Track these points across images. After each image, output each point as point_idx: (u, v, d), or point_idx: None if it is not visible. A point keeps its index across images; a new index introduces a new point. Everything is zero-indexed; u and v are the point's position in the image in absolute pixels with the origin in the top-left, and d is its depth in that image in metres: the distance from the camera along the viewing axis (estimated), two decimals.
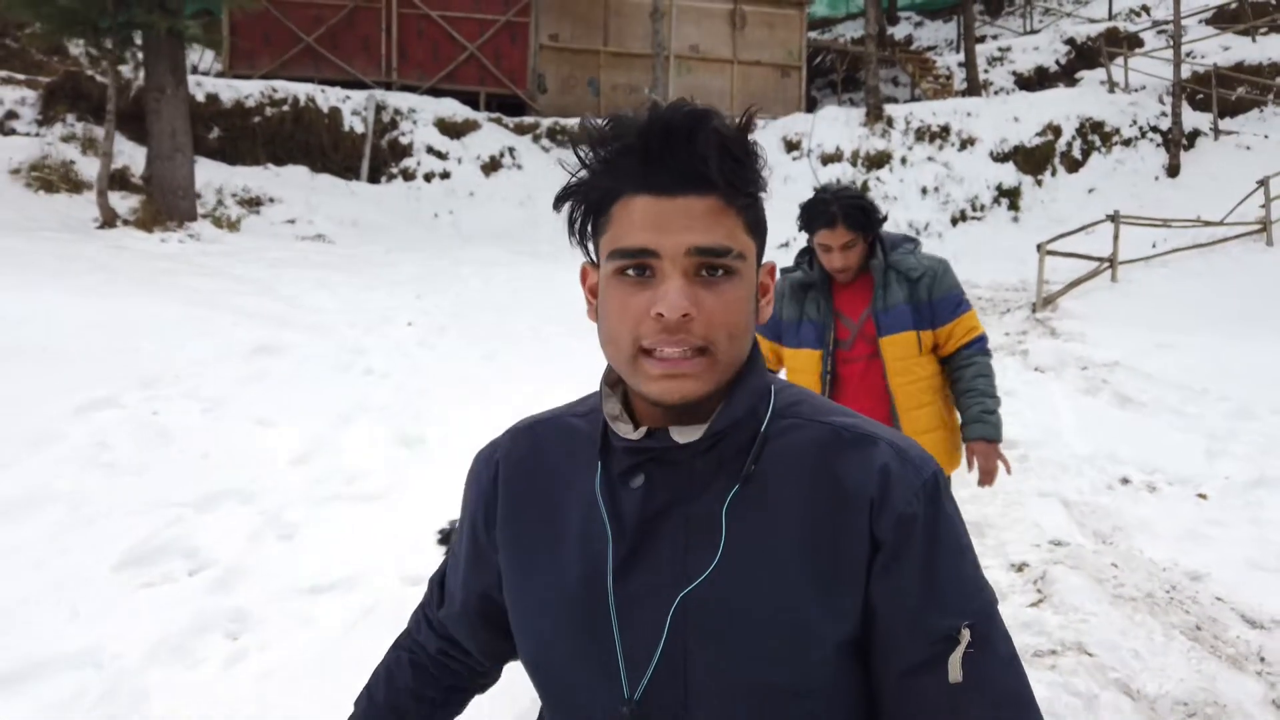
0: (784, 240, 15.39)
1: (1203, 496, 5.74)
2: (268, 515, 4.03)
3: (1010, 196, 16.84)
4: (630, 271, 0.89)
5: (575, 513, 0.99)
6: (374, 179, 16.42)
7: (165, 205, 10.91)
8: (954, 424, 2.99)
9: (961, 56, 22.11)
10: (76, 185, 11.82)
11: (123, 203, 11.44)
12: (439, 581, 1.20)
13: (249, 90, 16.26)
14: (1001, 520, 5.20)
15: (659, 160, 0.87)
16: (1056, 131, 17.34)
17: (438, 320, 8.12)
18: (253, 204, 13.28)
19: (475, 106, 18.13)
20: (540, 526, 1.02)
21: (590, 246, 0.94)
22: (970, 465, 2.92)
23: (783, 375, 3.17)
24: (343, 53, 18.16)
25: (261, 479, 4.40)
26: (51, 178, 11.60)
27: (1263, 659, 3.79)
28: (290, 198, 14.26)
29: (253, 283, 8.74)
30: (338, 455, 4.83)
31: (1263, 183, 13.50)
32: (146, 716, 2.75)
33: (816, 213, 2.74)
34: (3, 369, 4.97)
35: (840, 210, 2.70)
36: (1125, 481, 5.99)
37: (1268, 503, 5.44)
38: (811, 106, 21.14)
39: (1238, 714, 3.46)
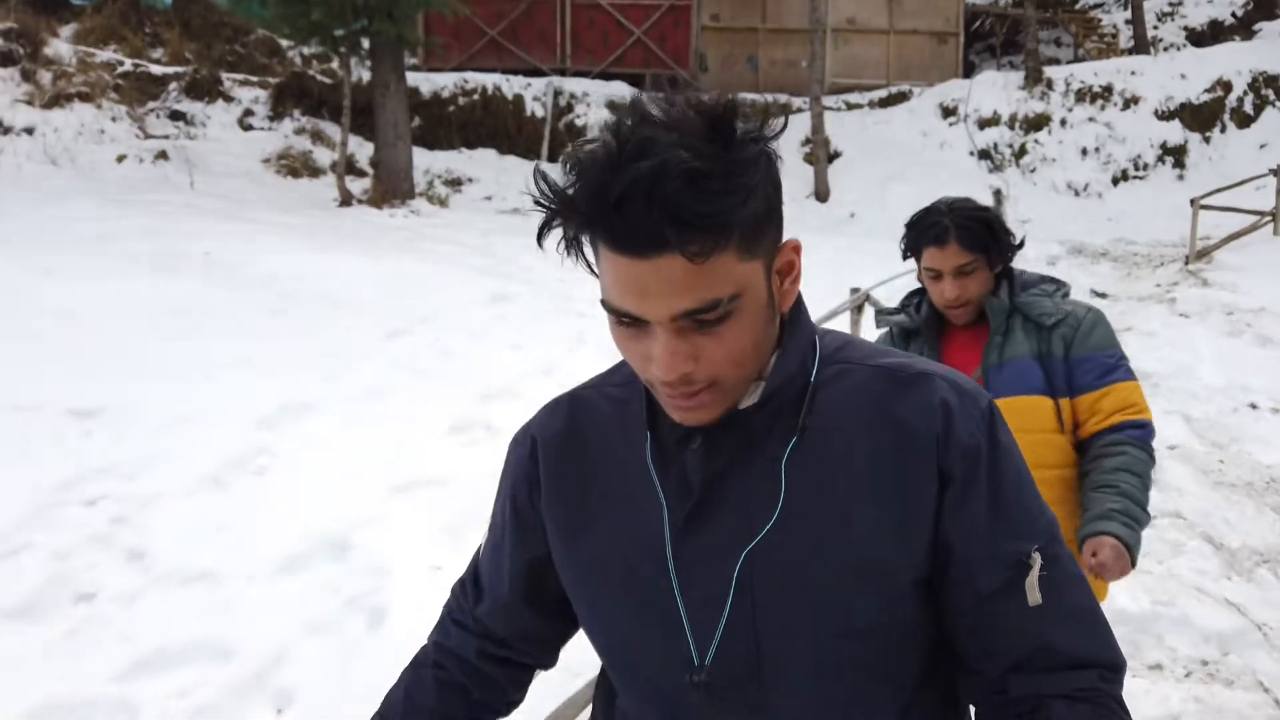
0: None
1: None
2: (537, 405, 5.45)
3: (1175, 155, 16.76)
4: (625, 322, 0.86)
5: (625, 483, 0.99)
6: (553, 158, 18.04)
7: (390, 186, 12.78)
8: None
9: (1128, 14, 21.71)
10: (314, 171, 13.92)
11: (353, 185, 13.41)
12: (472, 582, 1.17)
13: (443, 82, 18.17)
14: None
15: (621, 225, 0.79)
16: (1227, 87, 17.05)
17: None
18: (455, 184, 15.12)
19: (641, 88, 19.41)
20: (588, 500, 1.01)
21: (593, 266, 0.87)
22: (1090, 559, 1.89)
23: None
24: (522, 43, 19.85)
25: (523, 383, 5.84)
26: (295, 165, 13.73)
27: None
28: (483, 177, 16.05)
29: (473, 247, 10.37)
30: (574, 369, 6.22)
31: None
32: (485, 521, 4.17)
33: (924, 226, 2.14)
34: (331, 310, 6.65)
35: (954, 224, 2.08)
36: (1253, 407, 6.64)
37: None
38: (969, 72, 21.34)
39: None
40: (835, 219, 16.11)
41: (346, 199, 12.47)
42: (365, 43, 12.80)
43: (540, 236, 0.87)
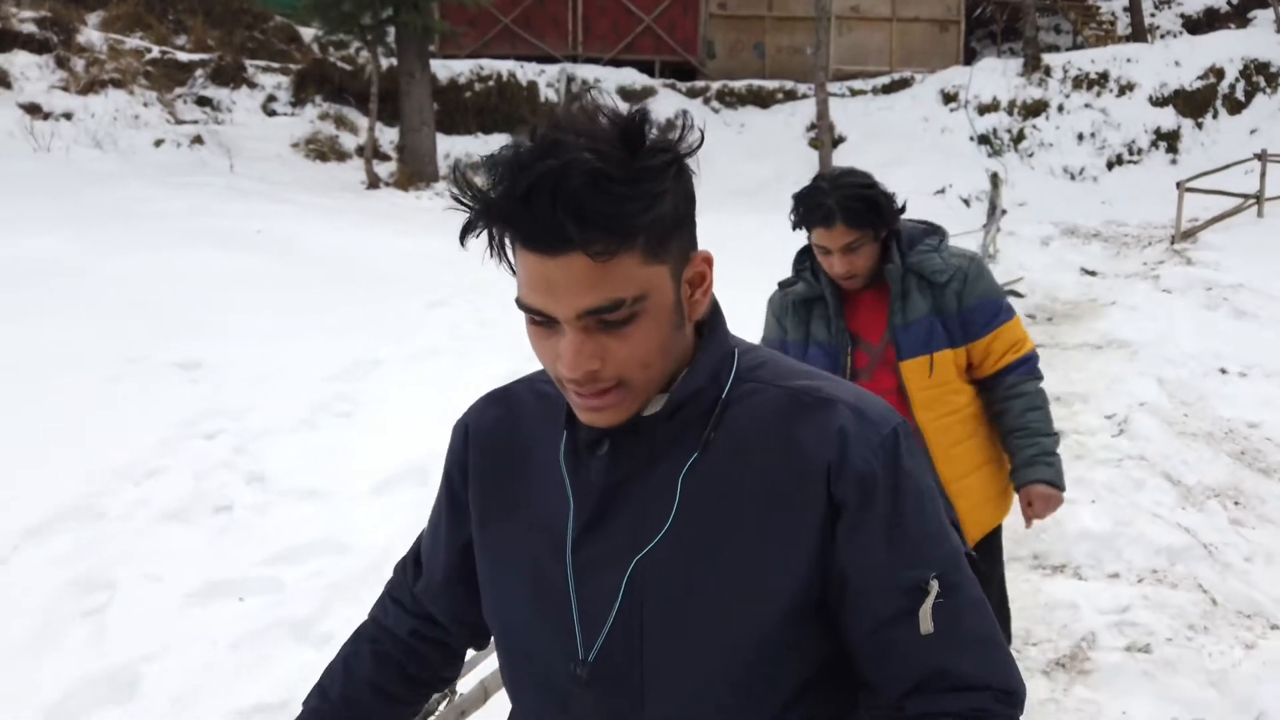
0: (939, 187, 16.60)
1: None
2: None
3: (1169, 140, 17.33)
4: (537, 321, 0.89)
5: (540, 478, 1.03)
6: None
7: (416, 169, 13.41)
8: (1002, 457, 2.49)
9: (1126, 1, 22.20)
10: (341, 155, 14.53)
11: (379, 168, 14.03)
12: (413, 560, 1.21)
13: (460, 69, 18.72)
14: (1104, 391, 6.67)
15: (529, 220, 0.83)
16: (1219, 74, 17.60)
17: None
18: (475, 169, 15.71)
19: (651, 74, 20.01)
20: (505, 492, 1.06)
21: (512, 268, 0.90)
22: (1026, 509, 2.38)
23: None
24: (535, 30, 20.40)
25: None
26: (323, 149, 14.33)
27: None
28: None
29: None
30: None
31: None
32: None
33: (810, 206, 2.24)
34: (376, 283, 7.30)
35: (838, 204, 2.19)
36: (1222, 371, 7.25)
37: None
38: (971, 58, 21.86)
39: (1253, 498, 4.96)
40: None
41: (374, 182, 13.09)
42: (390, 31, 13.40)
43: (463, 237, 0.91)
